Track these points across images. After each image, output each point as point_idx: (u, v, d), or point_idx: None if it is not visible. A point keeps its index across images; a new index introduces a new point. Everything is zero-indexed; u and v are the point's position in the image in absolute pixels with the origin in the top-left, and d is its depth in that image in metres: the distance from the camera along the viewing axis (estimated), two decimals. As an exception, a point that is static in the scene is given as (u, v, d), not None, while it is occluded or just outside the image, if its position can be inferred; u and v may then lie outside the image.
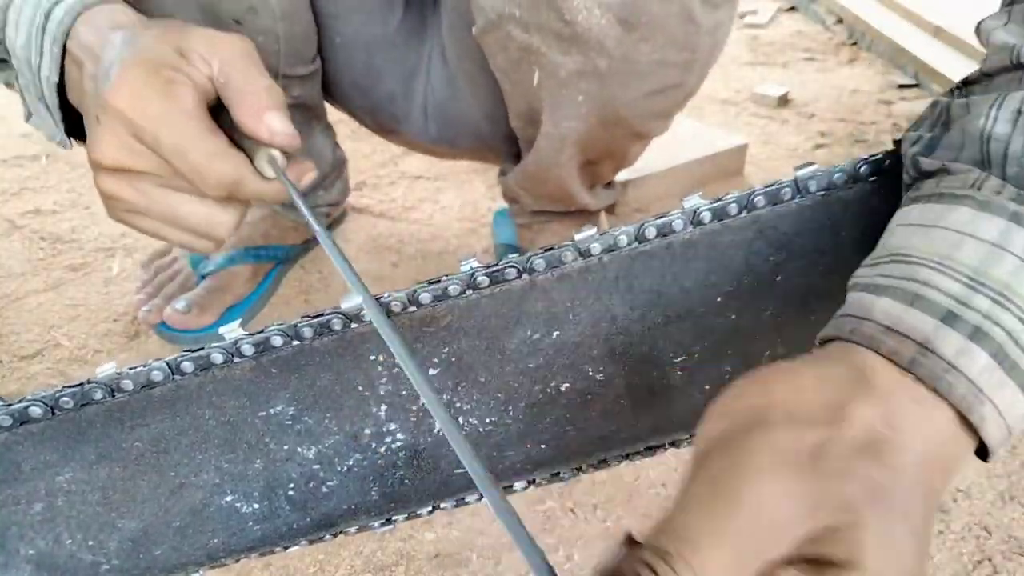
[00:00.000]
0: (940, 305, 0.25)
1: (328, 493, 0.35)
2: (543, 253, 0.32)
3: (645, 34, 0.57)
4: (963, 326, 0.25)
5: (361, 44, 0.77)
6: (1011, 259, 0.25)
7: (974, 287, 0.25)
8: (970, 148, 0.29)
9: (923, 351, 0.25)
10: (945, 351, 0.24)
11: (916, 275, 0.26)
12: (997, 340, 0.24)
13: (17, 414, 0.32)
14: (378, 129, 0.88)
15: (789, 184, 0.33)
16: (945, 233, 0.27)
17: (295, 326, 0.32)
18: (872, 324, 0.26)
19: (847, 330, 0.27)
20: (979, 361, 0.24)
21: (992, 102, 0.28)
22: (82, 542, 0.33)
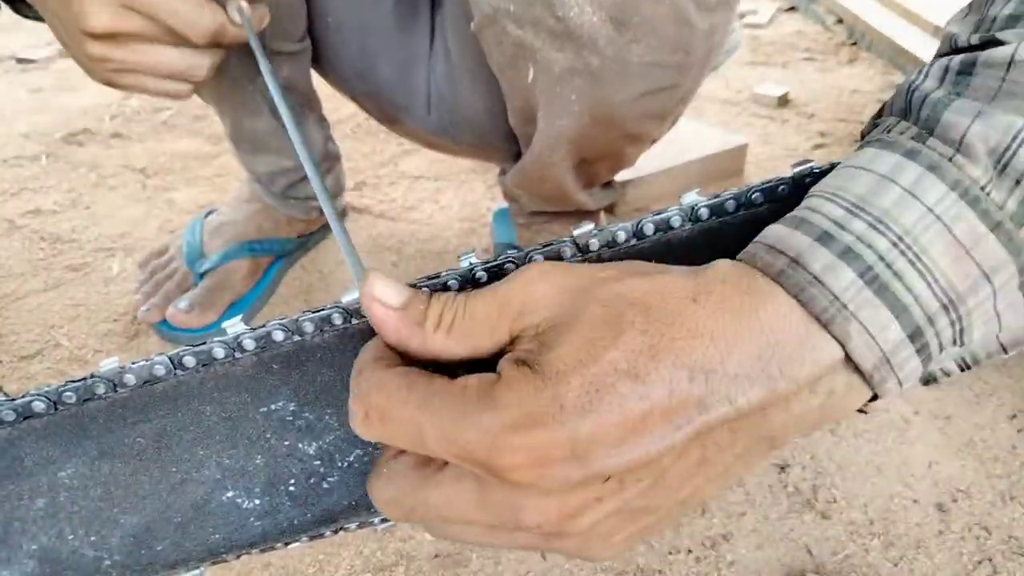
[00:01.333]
0: (818, 227, 0.26)
1: (329, 489, 0.35)
2: (541, 248, 0.32)
3: (637, 34, 0.57)
4: (835, 245, 0.25)
5: (353, 26, 0.78)
6: (896, 189, 0.26)
7: (854, 212, 0.26)
8: (898, 102, 0.30)
9: (793, 265, 0.26)
10: (813, 266, 0.25)
11: (808, 204, 0.28)
12: (867, 261, 0.25)
13: (20, 409, 0.32)
14: (382, 118, 0.88)
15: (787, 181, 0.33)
16: (846, 170, 0.28)
17: (296, 321, 0.32)
18: (759, 244, 0.27)
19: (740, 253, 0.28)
20: (844, 278, 0.25)
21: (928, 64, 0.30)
22: (84, 537, 0.34)
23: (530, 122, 0.68)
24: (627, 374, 0.24)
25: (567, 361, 0.25)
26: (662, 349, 0.25)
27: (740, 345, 0.25)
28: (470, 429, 0.25)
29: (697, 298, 0.26)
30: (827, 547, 0.61)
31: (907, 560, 0.60)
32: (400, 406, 0.26)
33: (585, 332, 0.25)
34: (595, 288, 0.27)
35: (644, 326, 0.25)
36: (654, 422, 0.24)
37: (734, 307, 0.25)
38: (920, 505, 0.65)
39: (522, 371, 0.25)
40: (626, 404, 0.24)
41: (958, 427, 0.72)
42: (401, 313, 0.28)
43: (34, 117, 1.48)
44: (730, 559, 0.61)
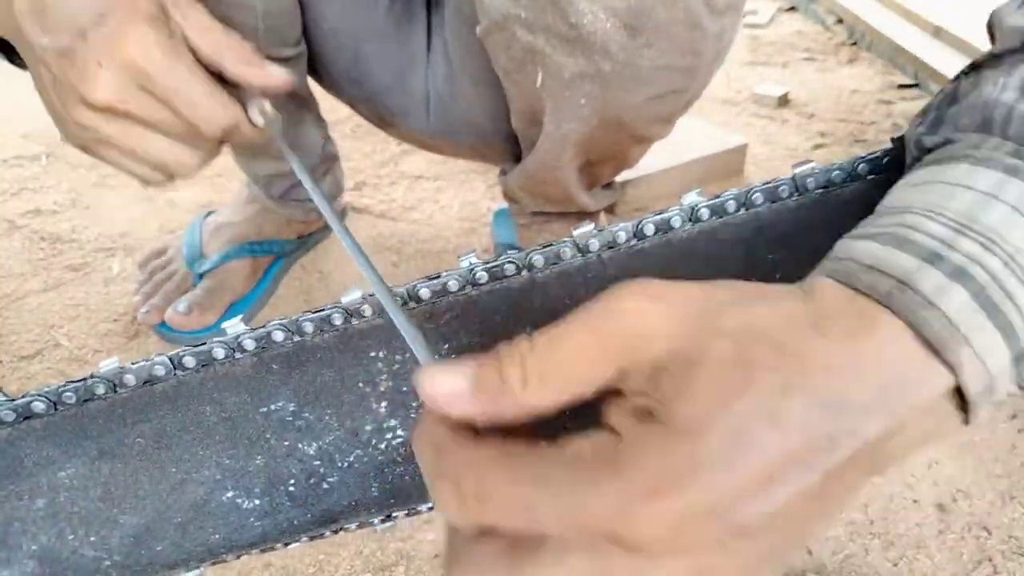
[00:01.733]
0: (924, 246, 0.25)
1: (329, 489, 0.35)
2: (542, 249, 0.32)
3: (650, 39, 0.57)
4: (945, 265, 0.24)
5: (348, 31, 0.77)
6: (1002, 206, 0.25)
7: (961, 231, 0.25)
8: (973, 117, 0.29)
9: (901, 286, 0.24)
10: (924, 287, 0.24)
11: (904, 221, 0.26)
12: (980, 281, 0.24)
13: (20, 409, 0.32)
14: (378, 122, 0.88)
15: (787, 182, 0.34)
16: (940, 187, 0.27)
17: (296, 321, 0.32)
18: (852, 263, 0.26)
19: (829, 270, 0.26)
20: (958, 299, 0.24)
21: (1002, 73, 0.28)
22: (84, 538, 0.34)
23: (534, 125, 0.68)
24: (765, 419, 0.22)
25: (701, 411, 0.22)
26: (795, 387, 0.23)
27: (863, 375, 0.23)
28: (597, 501, 0.22)
29: (819, 325, 0.24)
30: (827, 547, 0.61)
31: (907, 560, 0.60)
32: (506, 485, 0.23)
33: (716, 374, 0.23)
34: (718, 317, 0.24)
35: (776, 363, 0.23)
36: (790, 469, 0.22)
37: (852, 334, 0.24)
38: (920, 505, 0.65)
39: (648, 428, 0.23)
40: (766, 453, 0.22)
41: (958, 427, 0.72)
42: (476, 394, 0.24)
43: (34, 117, 1.48)
44: (730, 559, 0.61)
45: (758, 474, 0.22)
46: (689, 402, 0.22)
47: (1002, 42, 0.30)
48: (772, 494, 0.22)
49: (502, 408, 0.24)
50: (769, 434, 0.22)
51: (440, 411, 0.24)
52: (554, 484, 0.22)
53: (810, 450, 0.23)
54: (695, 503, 0.22)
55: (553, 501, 0.22)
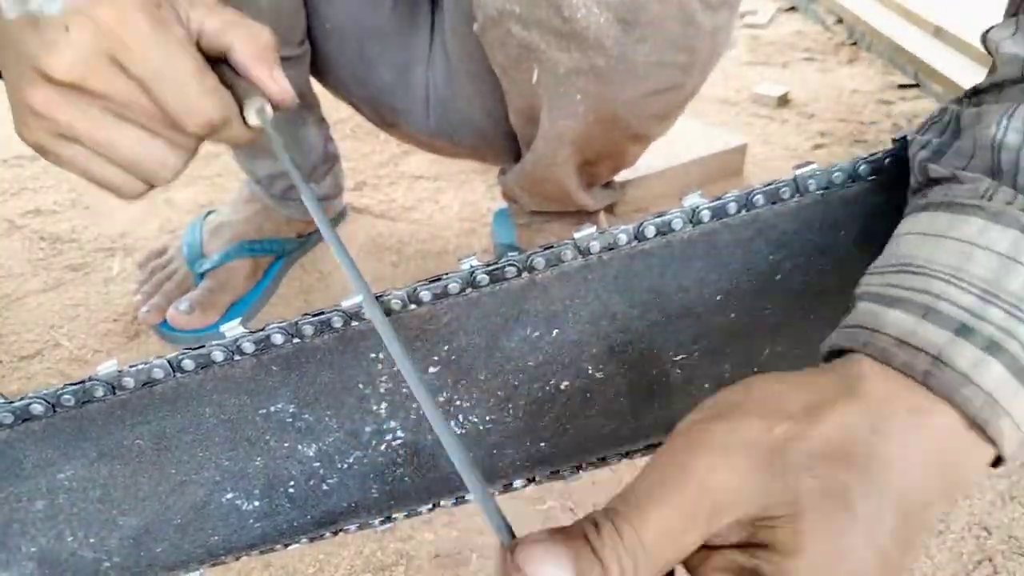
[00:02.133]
0: (954, 318, 0.25)
1: (328, 491, 0.35)
2: (543, 251, 0.32)
3: (644, 34, 0.57)
4: (977, 339, 0.25)
5: (352, 31, 0.77)
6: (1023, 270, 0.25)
7: (988, 300, 0.25)
8: (980, 157, 0.29)
9: (937, 363, 0.25)
10: (960, 363, 0.24)
11: (929, 287, 0.26)
12: (1011, 352, 0.24)
13: (19, 411, 0.32)
14: (379, 122, 0.87)
15: (788, 183, 0.33)
16: (956, 244, 0.27)
17: (296, 324, 0.32)
18: (884, 337, 0.26)
19: (860, 342, 0.26)
20: (994, 373, 0.24)
21: (1004, 111, 0.28)
22: (83, 539, 0.34)
23: (532, 122, 0.68)
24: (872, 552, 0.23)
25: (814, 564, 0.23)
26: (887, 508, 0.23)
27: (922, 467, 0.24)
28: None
29: (877, 428, 0.24)
30: (827, 548, 0.61)
31: (907, 561, 0.60)
32: None
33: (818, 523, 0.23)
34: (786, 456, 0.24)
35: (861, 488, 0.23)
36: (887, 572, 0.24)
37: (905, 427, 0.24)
38: (920, 506, 0.65)
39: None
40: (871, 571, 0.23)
41: (958, 428, 0.72)
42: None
43: (34, 117, 1.48)
44: (730, 560, 0.61)
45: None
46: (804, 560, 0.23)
47: (1001, 71, 0.30)
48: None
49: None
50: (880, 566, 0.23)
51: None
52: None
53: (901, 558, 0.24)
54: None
55: None
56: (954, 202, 0.28)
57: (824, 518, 0.23)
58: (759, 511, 0.23)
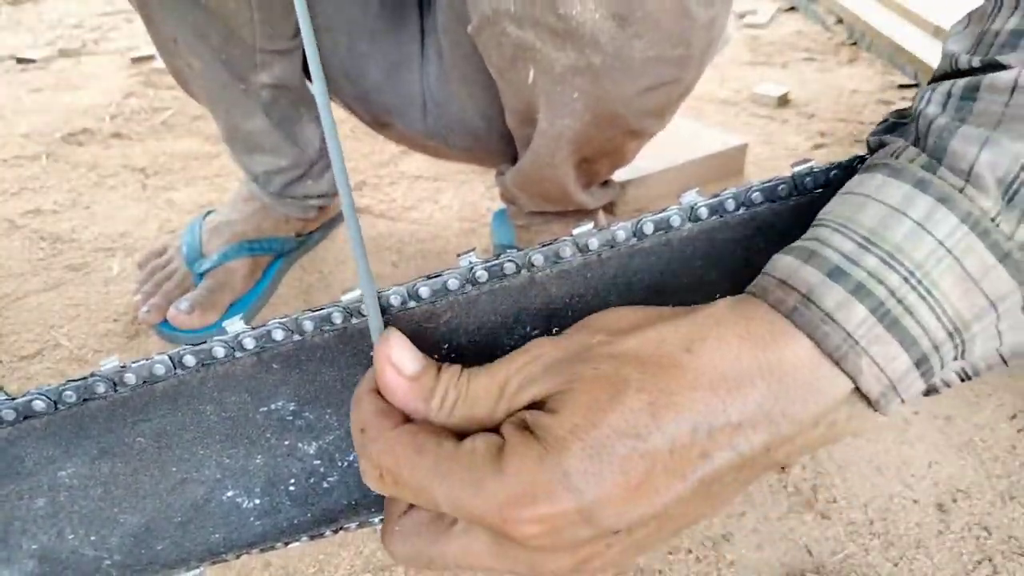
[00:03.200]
0: (830, 261, 0.26)
1: (329, 489, 0.35)
2: (542, 248, 0.32)
3: (639, 30, 0.57)
4: (847, 281, 0.26)
5: (342, 28, 0.77)
6: (907, 222, 0.26)
7: (866, 246, 0.26)
8: (909, 128, 0.30)
9: (805, 302, 0.26)
10: (826, 303, 0.25)
11: (818, 235, 0.28)
12: (879, 297, 0.25)
13: (20, 408, 0.32)
14: (373, 122, 0.88)
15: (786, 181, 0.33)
16: (857, 198, 0.28)
17: (296, 320, 0.32)
18: (769, 278, 0.27)
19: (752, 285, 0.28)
20: (857, 314, 0.25)
21: (929, 88, 0.30)
22: (84, 537, 0.34)
23: (528, 123, 0.68)
24: (628, 435, 0.24)
25: (567, 427, 0.25)
26: (661, 406, 0.25)
27: (741, 392, 0.25)
28: (480, 498, 0.25)
29: (691, 347, 0.26)
30: (827, 547, 0.61)
31: (907, 560, 0.60)
32: (411, 470, 0.27)
33: (582, 397, 0.25)
34: (586, 354, 0.27)
35: (640, 384, 0.25)
36: (658, 478, 0.25)
37: (731, 353, 0.26)
38: (920, 505, 0.65)
39: (524, 437, 0.25)
40: (629, 465, 0.24)
41: (958, 427, 0.72)
42: (412, 384, 0.28)
43: (34, 117, 1.48)
44: (730, 559, 0.61)
45: (624, 483, 0.24)
46: (558, 419, 0.25)
47: (939, 67, 0.31)
48: (639, 503, 0.25)
49: (415, 411, 0.28)
50: (632, 447, 0.24)
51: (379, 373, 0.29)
52: (448, 476, 0.26)
53: (680, 462, 0.25)
54: (564, 510, 0.24)
55: (447, 492, 0.26)
56: (871, 164, 0.29)
57: (587, 394, 0.25)
58: (549, 390, 0.27)
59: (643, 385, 0.25)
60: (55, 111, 1.50)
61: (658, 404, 0.25)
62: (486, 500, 0.25)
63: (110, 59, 1.80)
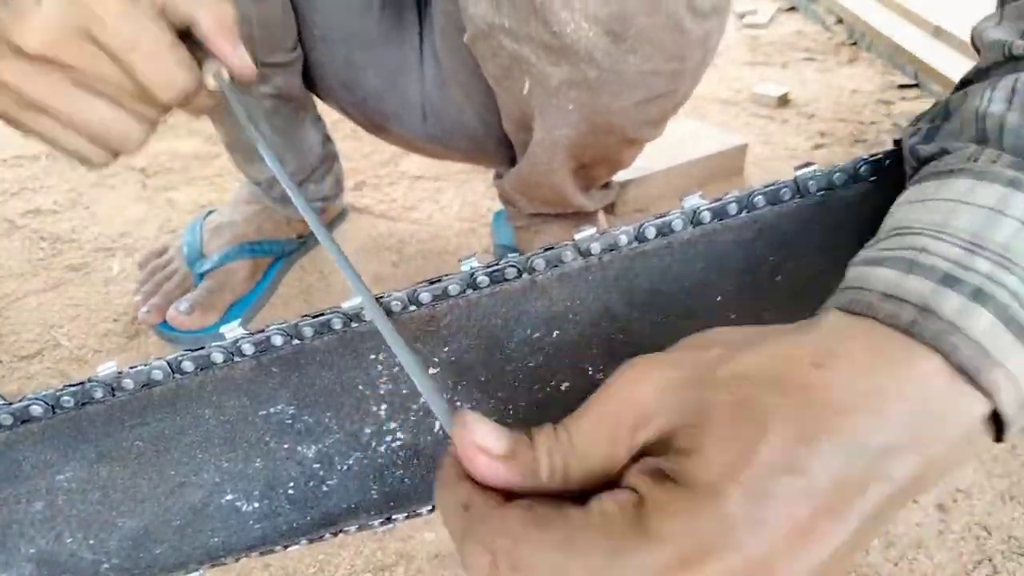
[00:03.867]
0: (939, 268, 0.24)
1: (328, 492, 0.35)
2: (543, 252, 0.32)
3: (633, 45, 0.57)
4: (964, 287, 0.24)
5: (340, 37, 0.77)
6: (1010, 222, 0.25)
7: (973, 251, 0.24)
8: (967, 130, 0.29)
9: (923, 312, 0.23)
10: (946, 311, 0.23)
11: (914, 244, 0.26)
12: (1001, 300, 0.23)
13: (18, 413, 0.32)
14: (371, 127, 0.88)
15: (789, 184, 0.33)
16: (943, 204, 0.26)
17: (296, 325, 0.32)
18: (870, 292, 0.25)
19: (845, 301, 0.26)
20: (983, 321, 0.23)
21: (987, 86, 0.28)
22: (83, 540, 0.33)
23: (525, 130, 0.68)
24: (785, 470, 0.21)
25: (716, 468, 0.22)
26: (812, 433, 0.22)
27: (885, 412, 0.22)
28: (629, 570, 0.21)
29: (821, 364, 0.23)
30: (827, 548, 0.61)
31: (907, 560, 0.60)
32: (536, 550, 0.22)
33: (724, 430, 0.22)
34: (708, 376, 0.24)
35: (784, 410, 0.22)
36: (824, 520, 0.22)
37: (867, 369, 0.23)
38: (920, 505, 0.65)
39: (667, 489, 0.22)
40: (793, 506, 0.21)
41: (958, 428, 0.72)
42: (509, 464, 0.24)
43: (34, 117, 1.48)
44: (730, 560, 0.61)
45: (791, 529, 0.21)
46: (704, 462, 0.22)
47: (985, 57, 0.30)
48: (810, 550, 0.21)
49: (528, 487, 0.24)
50: (794, 486, 0.21)
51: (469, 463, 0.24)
52: (584, 551, 0.22)
53: (841, 499, 0.22)
54: (730, 568, 0.21)
55: (585, 568, 0.22)
56: (942, 171, 0.28)
57: (729, 427, 0.22)
58: (676, 423, 0.23)
59: (787, 412, 0.22)
60: (55, 111, 1.50)
61: (808, 432, 0.22)
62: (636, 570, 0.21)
63: (110, 58, 1.80)
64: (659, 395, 0.24)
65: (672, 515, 0.21)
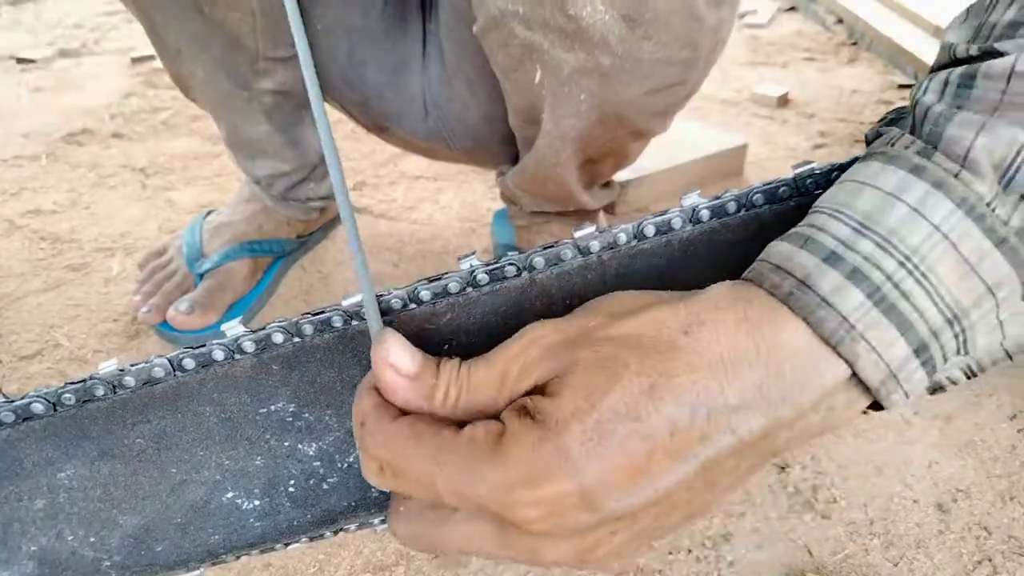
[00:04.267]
0: (826, 246, 0.26)
1: (329, 490, 0.35)
2: (543, 251, 0.32)
3: (649, 31, 0.57)
4: (843, 266, 0.26)
5: (342, 33, 0.77)
6: (902, 207, 0.26)
7: (861, 231, 0.26)
8: (907, 119, 0.30)
9: (801, 287, 0.26)
10: (821, 287, 0.25)
11: (814, 221, 0.28)
12: (875, 281, 0.25)
13: (19, 410, 0.32)
14: (371, 126, 0.88)
15: (788, 183, 0.33)
16: (852, 185, 0.28)
17: (296, 323, 0.32)
18: (765, 263, 0.27)
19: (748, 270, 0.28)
20: (853, 299, 0.25)
21: (928, 77, 0.30)
22: (84, 538, 0.34)
23: (532, 123, 0.68)
24: (627, 417, 0.24)
25: (567, 410, 0.25)
26: (660, 388, 0.25)
27: (739, 375, 0.25)
28: (481, 485, 0.25)
29: (689, 330, 0.26)
30: (827, 547, 0.61)
31: (907, 560, 0.60)
32: (410, 460, 0.27)
33: (580, 379, 0.25)
34: (585, 338, 0.27)
35: (639, 367, 0.25)
36: (659, 461, 0.25)
37: (729, 336, 0.26)
38: (920, 505, 0.65)
39: (524, 422, 0.25)
40: (629, 447, 0.24)
41: (958, 427, 0.72)
42: (412, 383, 0.28)
43: (34, 117, 1.48)
44: (730, 559, 0.61)
45: (623, 465, 0.24)
46: (558, 403, 0.25)
47: (937, 59, 0.31)
48: (642, 486, 0.25)
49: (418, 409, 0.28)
50: (632, 429, 0.24)
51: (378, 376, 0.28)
52: (448, 464, 0.26)
53: (680, 445, 0.25)
54: (562, 492, 0.24)
55: (446, 480, 0.26)
56: (867, 153, 0.29)
57: (586, 376, 0.25)
58: (549, 375, 0.27)
59: (642, 368, 0.25)
60: (55, 111, 1.50)
61: (657, 387, 0.25)
62: (486, 485, 0.25)
63: (110, 59, 1.80)
64: (542, 353, 0.27)
65: (522, 443, 0.25)
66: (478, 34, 0.62)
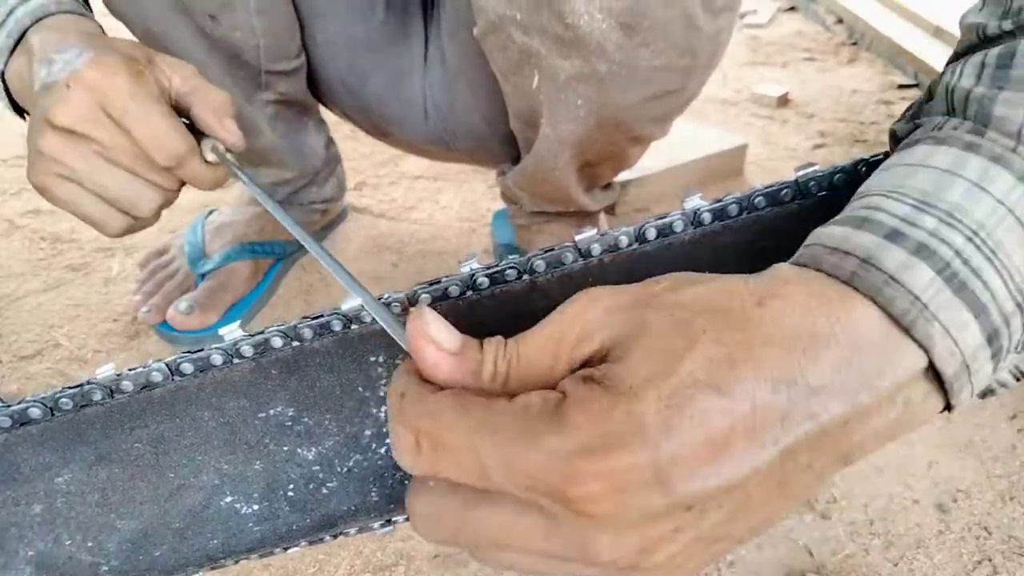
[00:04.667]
0: (886, 224, 0.25)
1: (328, 494, 0.35)
2: (543, 254, 0.32)
3: (646, 39, 0.57)
4: (908, 242, 0.24)
5: (343, 43, 0.77)
6: (962, 182, 0.25)
7: (922, 208, 0.25)
8: (939, 105, 0.29)
9: (864, 265, 0.24)
10: (887, 264, 0.24)
11: (868, 203, 0.26)
12: (943, 257, 0.24)
13: (16, 415, 0.32)
14: (372, 131, 0.88)
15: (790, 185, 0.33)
16: (903, 168, 0.27)
17: (295, 327, 0.32)
18: (818, 247, 0.26)
19: (794, 257, 0.26)
20: (923, 276, 0.23)
21: (958, 63, 0.29)
22: (81, 543, 0.33)
23: (532, 126, 0.68)
24: (707, 385, 0.22)
25: (640, 373, 0.22)
26: (740, 358, 0.22)
27: (817, 355, 0.23)
28: (538, 453, 0.22)
29: (763, 302, 0.24)
30: (827, 547, 0.61)
31: (907, 560, 0.60)
32: (455, 432, 0.23)
33: (655, 343, 0.23)
34: (653, 300, 0.24)
35: (716, 333, 0.23)
36: (738, 441, 0.22)
37: (805, 312, 0.23)
38: (920, 505, 0.65)
39: (590, 388, 0.23)
40: (709, 420, 0.22)
41: (958, 427, 0.72)
42: (456, 359, 0.25)
43: (33, 116, 1.48)
44: (730, 559, 0.61)
45: (701, 440, 0.21)
46: (629, 367, 0.22)
47: (961, 41, 0.31)
48: (718, 467, 0.22)
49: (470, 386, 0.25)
50: (713, 400, 0.22)
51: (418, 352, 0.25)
52: (499, 433, 0.23)
53: (761, 424, 0.22)
54: (634, 463, 0.21)
55: (497, 451, 0.22)
56: (909, 142, 0.28)
57: (660, 339, 0.23)
58: (615, 338, 0.24)
59: (720, 336, 0.23)
60: (54, 110, 1.50)
61: (736, 356, 0.22)
62: (545, 455, 0.22)
63: (109, 58, 1.80)
64: (604, 315, 0.24)
65: (587, 409, 0.22)
66: (478, 37, 0.62)
